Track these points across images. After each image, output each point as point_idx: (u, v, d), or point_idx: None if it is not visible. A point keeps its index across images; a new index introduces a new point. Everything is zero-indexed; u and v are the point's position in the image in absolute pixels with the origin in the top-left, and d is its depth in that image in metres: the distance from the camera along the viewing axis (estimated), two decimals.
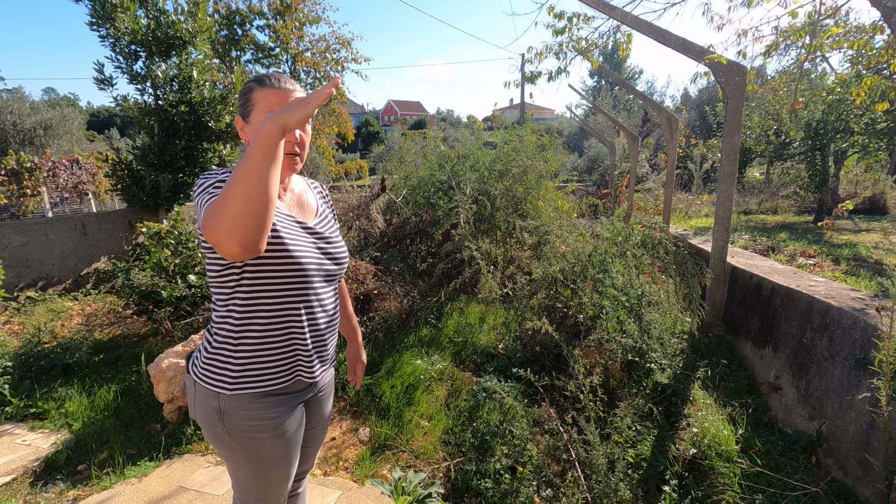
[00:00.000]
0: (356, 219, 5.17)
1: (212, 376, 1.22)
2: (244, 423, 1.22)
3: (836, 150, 8.42)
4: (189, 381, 1.29)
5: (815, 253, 4.94)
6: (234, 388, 1.20)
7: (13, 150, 13.12)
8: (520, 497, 2.34)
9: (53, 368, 3.78)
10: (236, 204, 0.93)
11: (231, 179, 0.95)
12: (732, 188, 3.82)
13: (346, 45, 10.34)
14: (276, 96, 1.21)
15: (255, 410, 1.22)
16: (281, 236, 1.18)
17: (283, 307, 1.22)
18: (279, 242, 1.18)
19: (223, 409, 1.21)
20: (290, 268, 1.20)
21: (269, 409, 1.24)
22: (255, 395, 1.22)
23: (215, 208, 0.95)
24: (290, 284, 1.21)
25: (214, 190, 1.10)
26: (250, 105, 1.23)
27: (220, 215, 0.94)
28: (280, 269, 1.18)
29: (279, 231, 1.19)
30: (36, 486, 2.59)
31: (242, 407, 1.21)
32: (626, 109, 21.35)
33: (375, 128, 45.28)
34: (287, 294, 1.22)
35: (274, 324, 1.22)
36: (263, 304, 1.20)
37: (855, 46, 4.63)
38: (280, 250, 1.18)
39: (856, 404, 2.36)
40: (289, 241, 1.20)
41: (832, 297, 2.76)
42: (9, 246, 5.39)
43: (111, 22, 5.45)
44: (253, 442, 1.24)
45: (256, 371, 1.22)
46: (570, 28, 4.27)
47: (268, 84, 1.23)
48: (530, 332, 3.75)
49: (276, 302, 1.21)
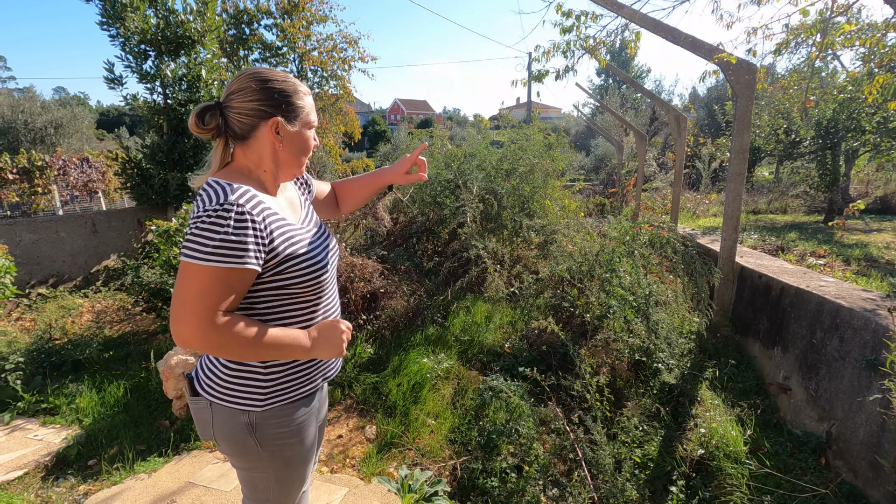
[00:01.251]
0: (363, 217, 5.19)
1: (237, 395, 1.18)
2: (276, 432, 1.21)
3: (847, 148, 8.32)
4: (201, 404, 1.22)
5: (825, 253, 4.89)
6: (266, 402, 1.18)
7: (24, 148, 13.27)
8: (526, 496, 2.34)
9: (64, 364, 3.83)
10: (224, 351, 1.07)
11: (233, 345, 1.05)
12: (741, 187, 3.79)
13: (354, 43, 10.35)
14: (313, 104, 1.24)
15: (285, 417, 1.21)
16: (303, 252, 1.16)
17: (305, 313, 1.21)
18: (303, 257, 1.16)
19: (254, 422, 1.18)
20: (308, 276, 1.18)
21: (298, 412, 1.24)
22: (286, 405, 1.21)
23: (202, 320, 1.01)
24: (309, 290, 1.20)
25: (221, 258, 1.01)
26: (299, 109, 1.18)
27: (198, 330, 1.01)
28: (301, 280, 1.17)
29: (299, 245, 1.16)
30: (48, 480, 2.62)
31: (274, 416, 1.20)
32: (634, 108, 21.24)
33: (382, 126, 45.31)
34: (307, 300, 1.21)
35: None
36: (287, 314, 1.18)
37: (867, 44, 4.58)
38: (302, 262, 1.16)
39: (866, 406, 2.34)
40: (311, 254, 1.19)
41: (843, 298, 2.73)
42: (21, 243, 5.46)
43: (121, 21, 5.50)
44: (283, 448, 1.23)
45: (288, 382, 1.21)
46: (577, 26, 4.25)
47: (307, 91, 1.22)
48: (537, 331, 3.74)
49: (298, 309, 1.20)
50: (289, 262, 1.13)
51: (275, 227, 1.11)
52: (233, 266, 1.02)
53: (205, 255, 1.00)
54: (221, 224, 1.01)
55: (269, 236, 1.09)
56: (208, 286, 1.01)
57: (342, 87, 10.43)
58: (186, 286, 1.01)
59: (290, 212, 1.27)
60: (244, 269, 1.04)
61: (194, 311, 1.01)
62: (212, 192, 1.06)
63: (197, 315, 1.01)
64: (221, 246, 1.00)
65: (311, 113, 1.22)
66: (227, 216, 1.01)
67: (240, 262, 1.02)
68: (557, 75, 4.51)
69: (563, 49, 4.36)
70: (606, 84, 33.58)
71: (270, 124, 1.13)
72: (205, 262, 1.00)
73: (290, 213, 1.26)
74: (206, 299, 1.01)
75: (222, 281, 1.02)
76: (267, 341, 1.08)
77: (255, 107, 1.12)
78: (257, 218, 1.06)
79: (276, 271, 1.12)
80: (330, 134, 10.71)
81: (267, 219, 1.09)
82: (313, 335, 1.17)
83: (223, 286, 1.02)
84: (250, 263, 1.04)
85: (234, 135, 1.16)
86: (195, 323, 1.00)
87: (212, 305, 1.02)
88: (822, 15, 4.24)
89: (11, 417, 3.20)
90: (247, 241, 1.03)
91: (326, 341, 1.17)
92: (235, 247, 1.01)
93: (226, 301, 1.04)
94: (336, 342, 1.18)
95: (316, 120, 1.25)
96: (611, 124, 17.22)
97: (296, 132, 1.18)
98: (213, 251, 1.00)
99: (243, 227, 1.02)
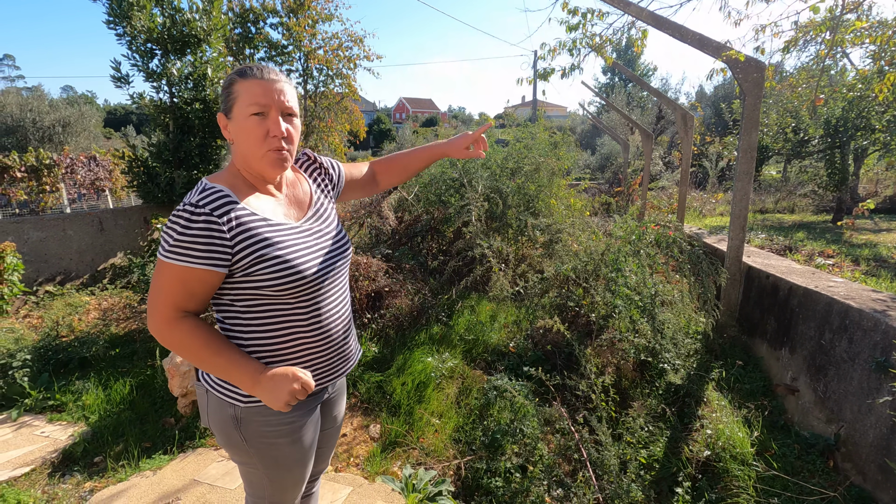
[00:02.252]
0: (367, 216, 5.18)
1: (224, 387, 1.19)
2: (261, 430, 1.20)
3: (856, 147, 8.24)
4: (201, 389, 1.26)
5: (833, 253, 4.84)
6: (248, 398, 1.18)
7: (33, 146, 13.38)
8: (530, 496, 2.33)
9: (71, 362, 3.85)
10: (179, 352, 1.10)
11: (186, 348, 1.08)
12: (749, 186, 3.75)
13: (359, 42, 10.34)
14: (259, 87, 1.11)
15: (272, 416, 1.19)
16: (277, 255, 1.12)
17: (289, 317, 1.18)
18: (277, 259, 1.12)
19: (239, 416, 1.18)
20: (283, 278, 1.13)
21: (287, 414, 1.21)
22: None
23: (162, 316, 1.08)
24: (288, 293, 1.15)
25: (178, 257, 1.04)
26: (232, 99, 1.13)
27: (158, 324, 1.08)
28: (275, 282, 1.12)
29: (275, 247, 1.13)
30: (54, 476, 2.64)
31: (260, 414, 1.19)
32: (640, 107, 21.14)
33: (387, 125, 45.32)
34: (291, 304, 1.17)
35: (280, 335, 1.18)
36: (267, 315, 1.17)
37: (878, 42, 4.52)
38: (274, 264, 1.12)
39: (876, 408, 2.31)
40: (289, 257, 1.14)
41: (852, 298, 2.70)
42: (28, 241, 5.50)
43: (128, 20, 5.52)
44: (270, 447, 1.22)
45: None
46: (584, 24, 4.23)
47: (250, 75, 1.13)
48: (542, 330, 3.73)
49: (280, 312, 1.17)
50: (259, 263, 1.10)
51: (244, 227, 1.09)
52: (187, 265, 1.05)
53: (165, 252, 1.06)
54: (181, 224, 1.05)
55: (233, 238, 1.07)
56: (167, 283, 1.07)
57: (347, 86, 10.42)
58: (154, 280, 1.09)
59: (293, 210, 1.25)
60: (200, 270, 1.06)
61: (156, 305, 1.08)
62: (190, 192, 1.12)
63: (158, 310, 1.08)
64: (178, 245, 1.05)
65: (244, 98, 1.11)
66: (186, 216, 1.05)
67: (193, 262, 1.05)
68: (563, 73, 4.49)
69: (569, 47, 4.34)
70: (612, 82, 33.44)
71: (219, 121, 1.19)
72: (165, 258, 1.06)
73: (288, 212, 1.23)
74: (165, 295, 1.07)
75: (179, 279, 1.06)
76: (217, 360, 1.10)
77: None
78: (219, 219, 1.06)
79: (246, 272, 1.11)
80: (335, 132, 10.72)
81: (234, 220, 1.08)
82: (263, 377, 1.10)
83: (180, 284, 1.07)
84: (204, 264, 1.06)
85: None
86: (156, 318, 1.08)
87: (169, 302, 1.07)
88: (832, 12, 4.19)
89: (19, 414, 3.22)
90: (200, 241, 1.05)
91: (270, 391, 1.09)
92: (190, 247, 1.04)
93: (186, 300, 1.09)
94: (279, 395, 1.09)
95: (259, 104, 1.11)
96: (616, 123, 17.15)
97: (234, 123, 1.15)
98: (171, 249, 1.05)
99: (199, 228, 1.05)
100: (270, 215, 1.17)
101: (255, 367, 1.12)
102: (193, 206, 1.05)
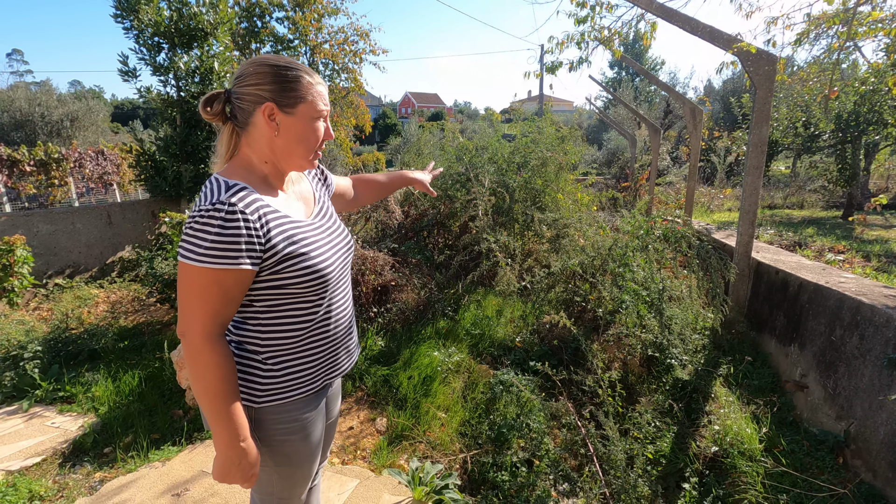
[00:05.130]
0: (374, 210, 5.18)
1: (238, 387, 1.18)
2: (275, 428, 1.20)
3: (867, 142, 8.13)
4: None
5: (844, 249, 4.79)
6: (263, 399, 1.17)
7: (41, 141, 13.47)
8: (536, 490, 2.33)
9: (80, 354, 3.89)
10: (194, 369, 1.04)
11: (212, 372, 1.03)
12: (759, 181, 3.71)
13: (365, 36, 10.31)
14: (324, 92, 1.15)
15: (285, 413, 1.20)
16: (303, 252, 1.13)
17: (306, 315, 1.18)
18: (304, 257, 1.12)
19: (254, 418, 1.18)
20: (309, 275, 1.14)
21: (299, 411, 1.22)
22: (285, 403, 1.20)
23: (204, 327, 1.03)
24: (311, 290, 1.16)
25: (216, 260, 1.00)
26: (300, 97, 1.11)
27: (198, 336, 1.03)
28: (300, 279, 1.13)
29: (300, 244, 1.13)
30: (64, 467, 2.67)
31: (273, 412, 1.19)
32: (647, 101, 20.98)
33: (393, 120, 45.25)
34: (310, 301, 1.17)
35: (296, 333, 1.18)
36: (285, 314, 1.16)
37: (891, 34, 4.45)
38: (302, 261, 1.12)
39: (887, 405, 2.28)
40: (313, 254, 1.15)
41: (863, 294, 2.67)
42: (38, 234, 5.55)
43: (135, 14, 5.53)
44: (283, 445, 1.22)
45: (287, 382, 1.19)
46: (592, 17, 4.18)
47: (316, 77, 1.14)
48: (548, 325, 3.72)
49: (300, 309, 1.17)
50: (287, 261, 1.10)
51: (273, 224, 1.08)
52: (227, 267, 1.01)
53: (199, 255, 0.99)
54: (213, 224, 1.00)
55: (265, 235, 1.06)
56: (203, 289, 1.01)
57: (353, 80, 10.41)
58: (186, 288, 1.02)
59: (301, 206, 1.24)
60: (239, 270, 1.02)
61: (195, 316, 1.02)
62: (208, 190, 1.06)
63: (198, 321, 1.02)
64: (214, 247, 0.99)
65: (316, 101, 1.13)
66: (219, 215, 1.00)
67: (234, 262, 1.01)
68: (571, 67, 4.44)
69: (577, 40, 4.29)
70: (619, 77, 33.16)
71: (263, 109, 1.09)
72: (199, 263, 0.99)
73: (300, 208, 1.23)
74: (203, 303, 1.02)
75: (218, 283, 1.01)
76: (225, 399, 1.06)
77: (252, 91, 1.09)
78: (251, 216, 1.03)
79: (274, 270, 1.09)
80: (341, 127, 10.71)
81: (264, 217, 1.06)
82: (247, 443, 1.09)
83: (218, 289, 1.02)
84: (244, 264, 1.02)
85: (237, 122, 1.14)
86: (196, 330, 1.03)
87: (210, 311, 1.03)
88: (845, 3, 4.12)
89: (30, 405, 3.26)
90: (239, 240, 1.01)
91: (239, 460, 1.09)
92: (228, 247, 1.00)
93: (224, 306, 1.04)
94: (240, 471, 1.10)
95: (325, 110, 1.17)
96: (623, 118, 17.01)
97: (293, 120, 1.12)
98: (207, 252, 0.99)
99: (235, 227, 1.01)
100: (289, 212, 1.17)
101: (240, 429, 1.09)
102: (226, 205, 1.00)
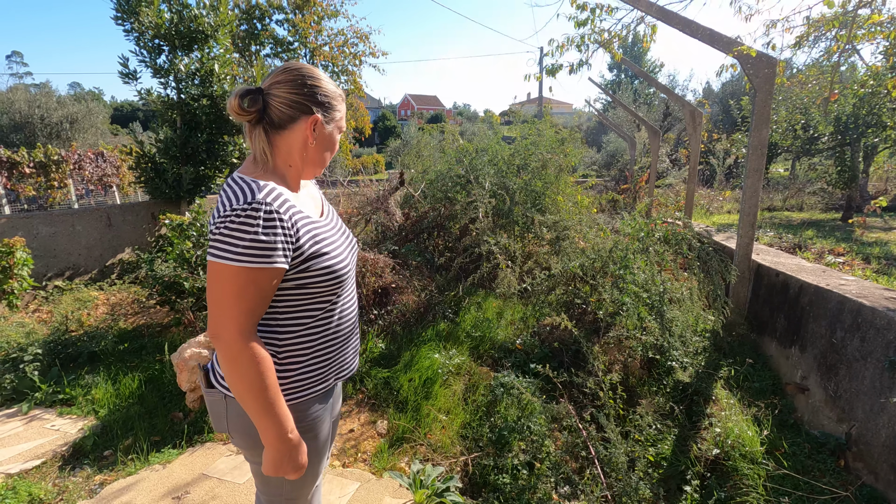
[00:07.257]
0: (374, 212, 5.18)
1: None
2: None
3: (866, 145, 8.15)
4: (215, 396, 1.23)
5: (844, 251, 4.79)
6: None
7: (41, 143, 13.47)
8: (537, 493, 2.33)
9: (80, 356, 3.88)
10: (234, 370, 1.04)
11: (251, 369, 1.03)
12: (759, 183, 3.72)
13: (364, 39, 10.32)
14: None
15: (298, 413, 1.20)
16: (325, 252, 1.16)
17: (323, 314, 1.21)
18: (325, 256, 1.15)
19: None
20: (330, 273, 1.17)
21: (311, 409, 1.24)
22: (298, 402, 1.21)
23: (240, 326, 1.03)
24: (329, 288, 1.19)
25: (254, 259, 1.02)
26: (338, 111, 1.22)
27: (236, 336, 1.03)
28: (323, 278, 1.16)
29: (322, 244, 1.16)
30: (64, 469, 2.66)
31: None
32: (647, 104, 20.99)
33: (392, 122, 45.26)
34: (325, 299, 1.20)
35: (313, 333, 1.20)
36: (305, 314, 1.18)
37: (890, 37, 4.45)
38: (326, 260, 1.16)
39: (889, 407, 2.29)
40: (333, 253, 1.18)
41: (864, 297, 2.67)
42: (38, 236, 5.54)
43: (135, 16, 5.53)
44: None
45: (300, 381, 1.20)
46: (592, 20, 4.19)
47: (344, 96, 1.25)
48: (549, 327, 3.71)
49: (316, 308, 1.19)
50: (313, 259, 1.13)
51: (301, 224, 1.11)
52: (263, 266, 1.03)
53: (236, 255, 1.01)
54: (252, 224, 1.01)
55: (295, 234, 1.09)
56: (240, 289, 1.02)
57: (353, 83, 10.41)
58: (220, 289, 1.03)
59: (313, 207, 1.28)
60: (274, 269, 1.05)
61: (230, 316, 1.03)
62: (238, 189, 1.06)
63: (233, 321, 1.03)
64: (252, 246, 1.01)
65: (343, 119, 1.25)
66: (257, 216, 1.02)
67: (270, 261, 1.03)
68: (571, 69, 4.45)
69: (577, 43, 4.30)
70: (618, 79, 33.20)
71: (311, 121, 1.14)
72: (236, 262, 1.01)
73: (313, 209, 1.27)
74: (241, 302, 1.03)
75: (254, 282, 1.03)
76: (267, 395, 1.05)
77: (300, 100, 1.13)
78: (284, 216, 1.06)
79: (300, 269, 1.12)
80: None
81: (293, 217, 1.09)
82: (295, 435, 1.12)
83: (256, 287, 1.04)
84: (279, 262, 1.05)
85: (271, 123, 1.14)
86: (232, 330, 1.03)
87: (246, 310, 1.04)
88: (845, 6, 4.13)
89: (29, 407, 3.25)
90: (276, 240, 1.04)
91: (291, 451, 1.12)
92: (266, 246, 1.02)
93: (259, 304, 1.06)
94: (296, 460, 1.13)
95: (345, 126, 1.28)
96: (623, 120, 17.03)
97: (328, 133, 1.20)
98: (243, 251, 1.01)
99: (272, 227, 1.03)
100: (309, 212, 1.20)
101: (291, 419, 1.12)
102: (263, 205, 1.03)
